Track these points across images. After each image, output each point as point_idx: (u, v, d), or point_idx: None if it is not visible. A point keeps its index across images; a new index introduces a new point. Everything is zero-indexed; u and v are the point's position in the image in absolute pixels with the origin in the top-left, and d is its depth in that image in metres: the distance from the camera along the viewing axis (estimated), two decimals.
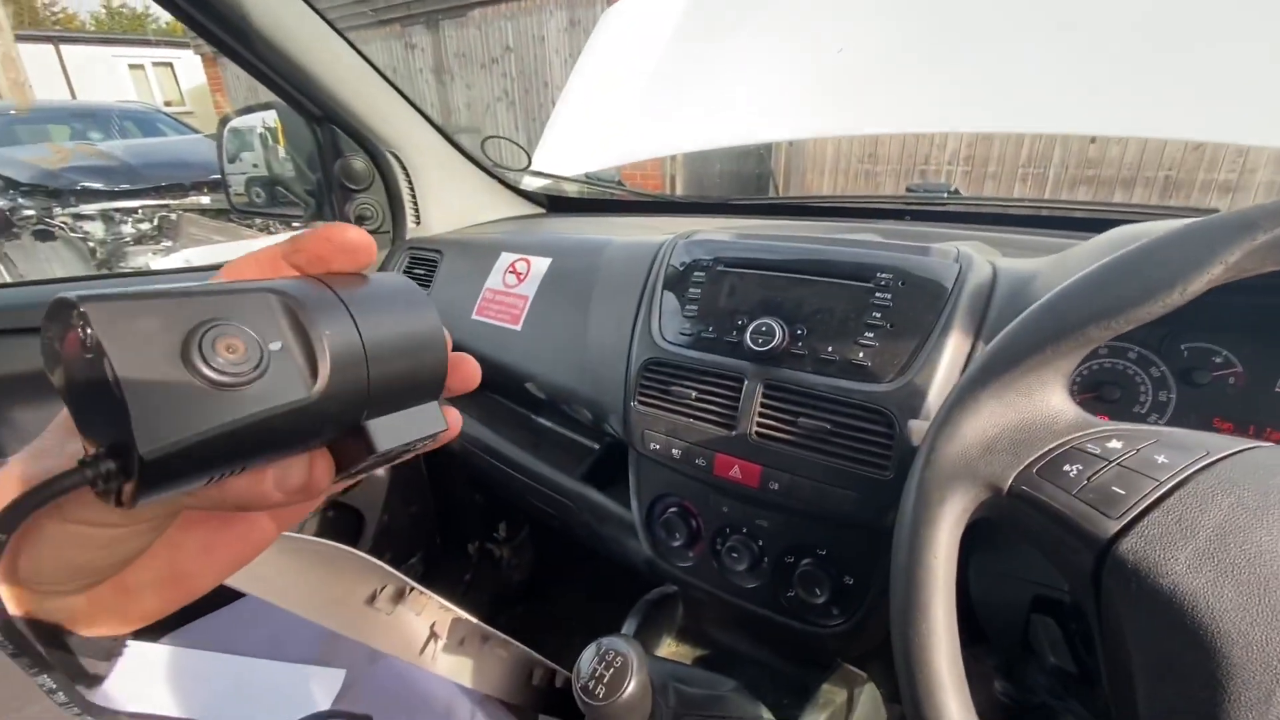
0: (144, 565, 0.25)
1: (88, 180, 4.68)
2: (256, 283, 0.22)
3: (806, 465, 0.57)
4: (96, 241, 4.53)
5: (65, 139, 6.09)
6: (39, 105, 7.28)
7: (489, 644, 0.68)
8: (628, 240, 0.80)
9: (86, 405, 0.20)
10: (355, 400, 0.23)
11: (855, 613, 0.60)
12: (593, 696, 0.45)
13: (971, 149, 4.39)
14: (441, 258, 1.04)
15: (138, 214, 4.72)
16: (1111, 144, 4.06)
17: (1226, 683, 0.26)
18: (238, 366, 0.19)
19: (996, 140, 4.28)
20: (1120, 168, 4.02)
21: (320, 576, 0.53)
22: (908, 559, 0.35)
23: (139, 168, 4.96)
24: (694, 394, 0.64)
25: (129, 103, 8.26)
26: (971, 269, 0.56)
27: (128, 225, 4.65)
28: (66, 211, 4.58)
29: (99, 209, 4.62)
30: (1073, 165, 4.15)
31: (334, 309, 0.22)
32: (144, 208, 4.72)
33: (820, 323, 0.58)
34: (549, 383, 0.81)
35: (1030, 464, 0.34)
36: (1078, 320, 0.33)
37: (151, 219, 4.71)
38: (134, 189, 4.76)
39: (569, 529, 0.98)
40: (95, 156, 5.10)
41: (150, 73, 14.47)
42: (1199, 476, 0.30)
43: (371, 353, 0.23)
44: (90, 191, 4.64)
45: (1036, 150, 4.30)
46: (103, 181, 4.70)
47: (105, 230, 4.60)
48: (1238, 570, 0.28)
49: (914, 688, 0.33)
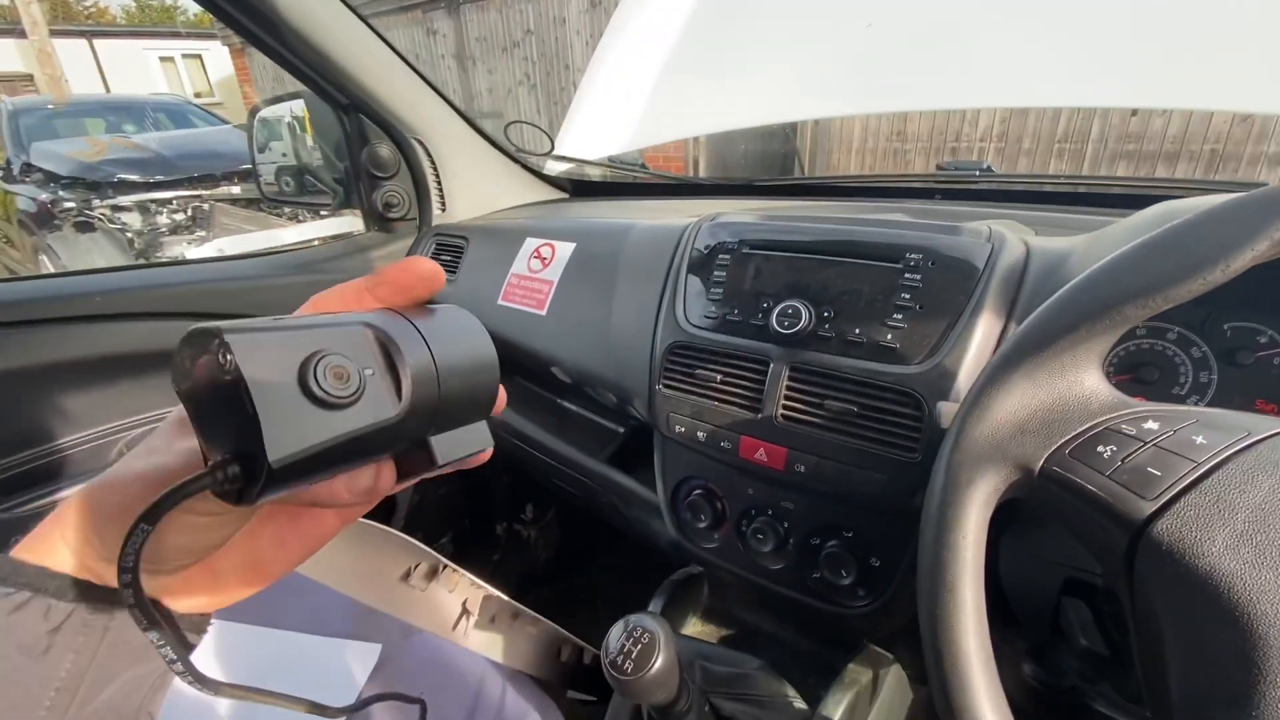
0: (228, 553, 0.29)
1: (124, 172, 4.81)
2: (350, 316, 0.26)
3: (833, 448, 0.57)
4: (134, 232, 4.66)
5: (101, 132, 6.25)
6: (75, 99, 7.47)
7: (519, 621, 0.69)
8: (651, 224, 0.80)
9: (212, 417, 0.23)
10: (427, 417, 0.26)
11: (882, 594, 0.60)
12: (621, 671, 0.46)
13: (1005, 125, 4.25)
14: (468, 244, 1.05)
15: (172, 205, 4.84)
16: (1154, 116, 3.89)
17: (1263, 664, 0.26)
18: (342, 390, 0.23)
19: (1031, 115, 4.13)
20: (1163, 141, 3.86)
21: (358, 553, 0.55)
22: (935, 539, 0.35)
23: (173, 159, 5.08)
24: (719, 377, 0.64)
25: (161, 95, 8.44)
26: (1004, 248, 0.55)
27: (163, 216, 4.77)
28: (105, 203, 4.72)
29: (135, 200, 4.75)
30: (1112, 140, 3.99)
31: (413, 338, 0.26)
32: (178, 198, 4.84)
33: (848, 305, 0.58)
34: (574, 367, 0.82)
35: (1063, 445, 0.33)
36: (1114, 299, 0.32)
37: (185, 209, 4.83)
38: (168, 180, 4.87)
39: (595, 510, 0.99)
40: (131, 149, 5.24)
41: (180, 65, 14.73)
42: (1239, 458, 0.30)
43: (443, 377, 0.26)
44: (127, 183, 4.77)
45: (1074, 125, 4.14)
46: (138, 173, 4.83)
47: (142, 221, 4.73)
48: (1278, 552, 0.27)
49: (941, 667, 0.34)
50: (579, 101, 1.38)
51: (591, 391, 0.83)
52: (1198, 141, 3.80)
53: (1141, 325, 0.60)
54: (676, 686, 0.50)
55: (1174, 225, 0.33)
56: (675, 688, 0.50)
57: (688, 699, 0.53)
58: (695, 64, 1.26)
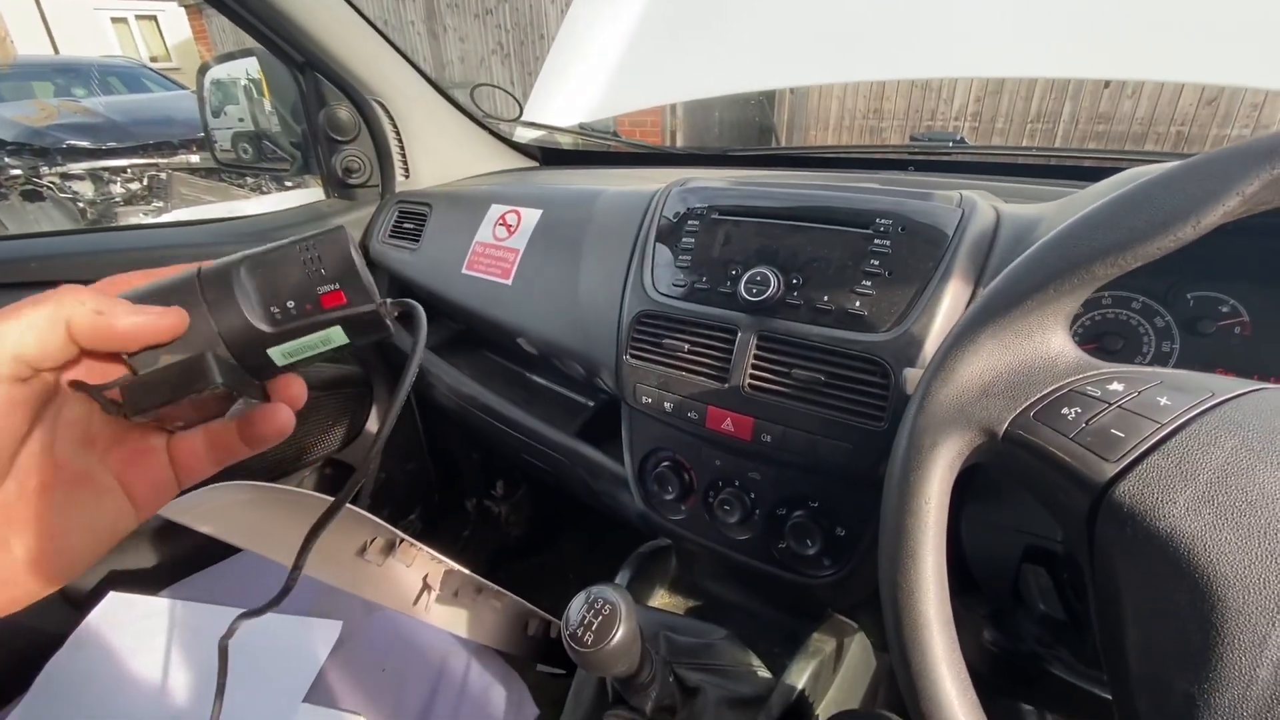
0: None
1: (74, 138, 4.58)
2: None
3: (800, 417, 0.56)
4: (86, 202, 4.45)
5: (49, 96, 5.93)
6: (21, 61, 7.05)
7: (483, 595, 0.68)
8: (620, 190, 0.78)
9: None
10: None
11: (847, 564, 0.60)
12: (580, 644, 0.45)
13: (979, 104, 4.27)
14: (431, 211, 1.01)
15: (127, 173, 4.62)
16: (1123, 99, 3.94)
17: (1221, 626, 0.25)
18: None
19: (1005, 95, 4.16)
20: (1131, 123, 3.92)
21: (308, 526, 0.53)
22: (898, 505, 0.34)
23: (126, 125, 4.84)
24: (686, 347, 0.63)
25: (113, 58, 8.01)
26: (974, 214, 0.54)
27: (117, 185, 4.56)
28: (54, 171, 4.49)
29: (87, 168, 4.52)
30: (1083, 120, 4.04)
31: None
32: (133, 167, 4.62)
33: (817, 271, 0.57)
34: (540, 337, 0.80)
35: (1027, 407, 0.32)
36: (1083, 256, 0.31)
37: (141, 178, 4.62)
38: (121, 147, 4.65)
39: (564, 485, 0.98)
40: (81, 114, 4.97)
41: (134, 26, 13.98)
42: (1203, 418, 0.29)
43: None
44: (77, 150, 4.54)
45: (1046, 106, 4.18)
46: (90, 139, 4.59)
47: (95, 190, 4.52)
48: (1239, 513, 0.27)
49: (901, 633, 0.33)
50: (550, 66, 1.33)
51: (558, 363, 0.81)
52: (1164, 123, 3.86)
53: (1107, 294, 0.60)
54: (638, 658, 0.49)
55: (1144, 181, 0.32)
56: (637, 659, 0.49)
57: (651, 670, 0.52)
58: (670, 29, 1.22)
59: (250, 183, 4.59)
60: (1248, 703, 0.25)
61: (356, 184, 1.15)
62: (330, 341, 0.31)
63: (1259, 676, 0.25)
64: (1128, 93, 3.90)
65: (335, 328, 0.31)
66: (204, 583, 0.87)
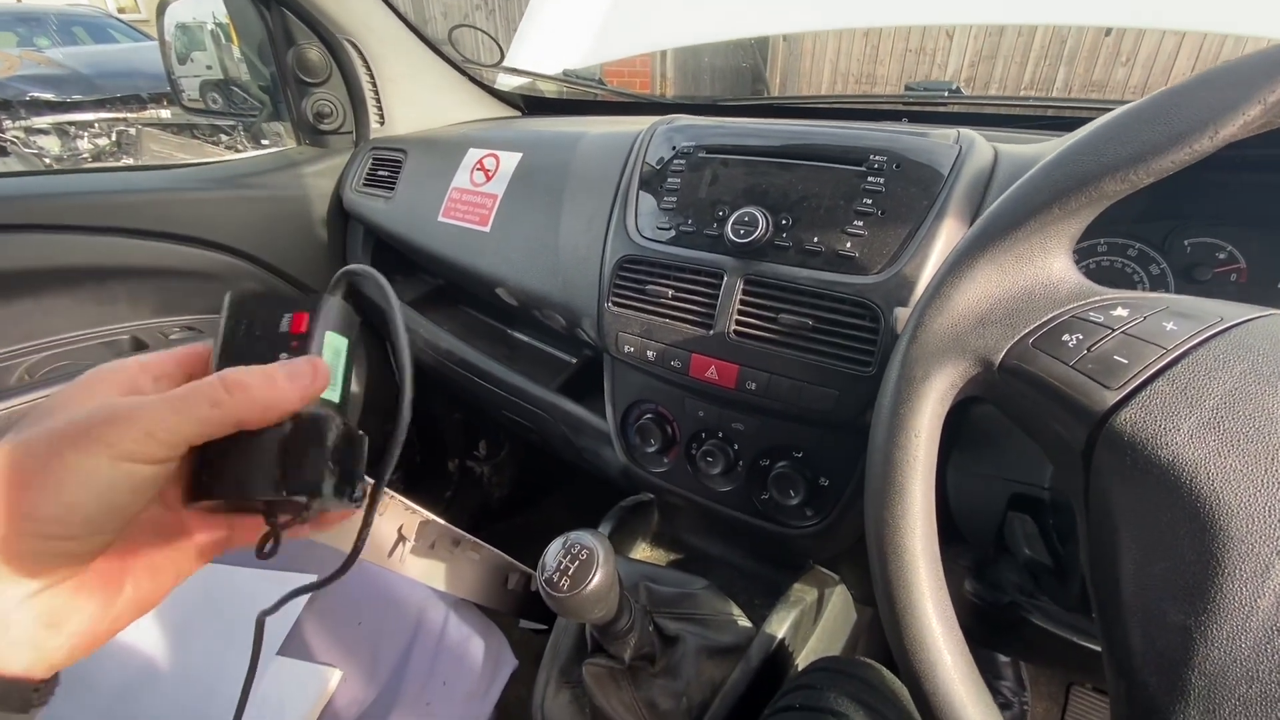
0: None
1: (38, 90, 4.37)
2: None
3: (785, 363, 0.54)
4: (53, 158, 4.28)
5: (12, 46, 5.65)
6: None
7: (460, 547, 0.67)
8: (603, 131, 0.74)
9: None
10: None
11: (829, 514, 0.59)
12: (556, 589, 0.44)
13: (973, 69, 4.20)
14: (406, 157, 0.97)
15: (94, 128, 4.44)
16: (1117, 66, 3.90)
17: (1222, 555, 0.24)
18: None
19: (1000, 60, 4.09)
20: (1125, 90, 3.88)
21: None
22: (886, 438, 0.32)
23: (92, 77, 4.63)
24: (670, 292, 0.60)
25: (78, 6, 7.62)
26: (972, 152, 0.52)
27: (84, 140, 4.38)
28: (18, 125, 4.30)
29: (53, 122, 4.33)
30: (1076, 88, 3.99)
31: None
32: (100, 121, 4.43)
33: (807, 211, 0.54)
34: (519, 287, 0.77)
35: (1026, 335, 0.31)
36: (1092, 172, 0.29)
37: (109, 134, 4.44)
38: (88, 100, 4.45)
39: (546, 442, 0.96)
40: (45, 65, 4.75)
41: None
42: (1211, 343, 0.28)
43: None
44: (41, 103, 4.34)
45: (1040, 73, 4.13)
46: (54, 92, 4.39)
47: (61, 145, 4.34)
48: (1245, 439, 0.25)
49: (886, 570, 0.32)
50: (534, 8, 1.27)
51: (539, 314, 0.79)
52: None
53: (1102, 241, 0.58)
54: (616, 604, 0.48)
55: (1158, 93, 0.30)
56: (615, 606, 0.48)
57: (629, 618, 0.51)
58: None
59: (225, 140, 4.43)
60: (1246, 634, 0.24)
61: (329, 130, 1.10)
62: (338, 351, 0.31)
63: (1260, 607, 0.24)
64: (1121, 60, 3.86)
65: (329, 334, 0.30)
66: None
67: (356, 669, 0.68)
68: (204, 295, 0.99)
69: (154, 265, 0.94)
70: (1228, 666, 0.24)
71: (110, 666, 0.67)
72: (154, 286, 0.96)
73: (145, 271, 0.94)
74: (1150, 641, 0.26)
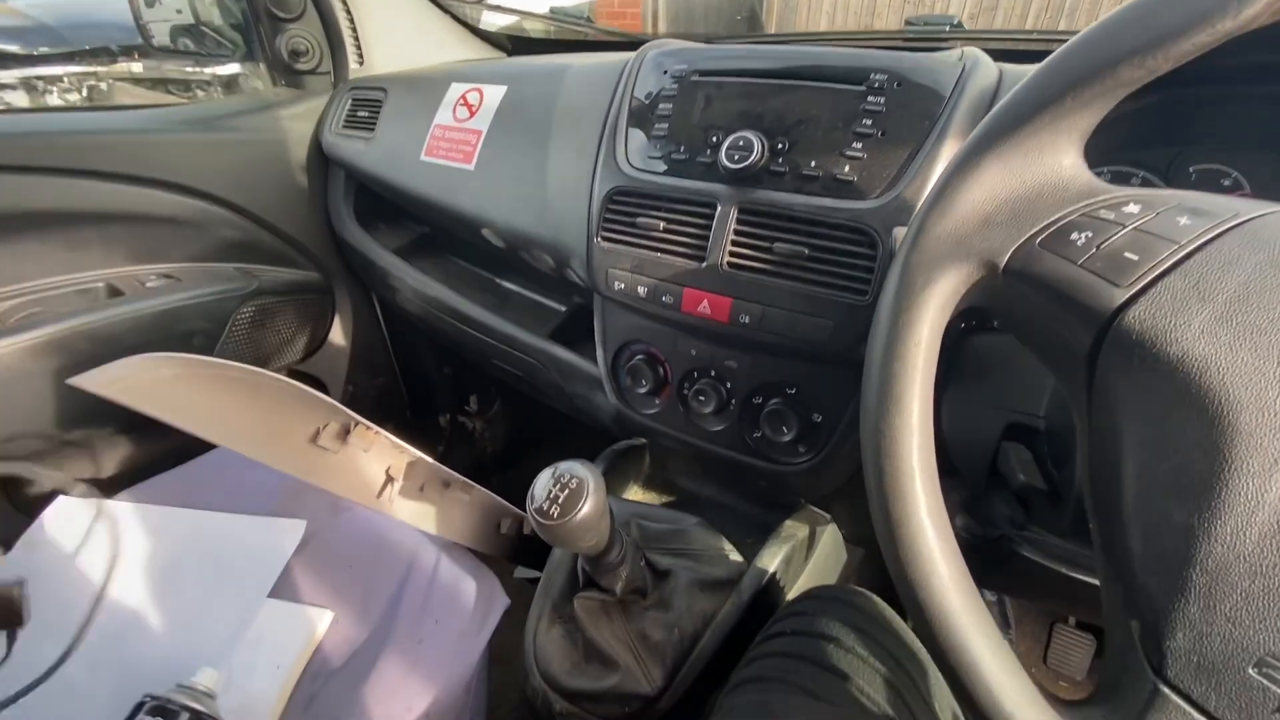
0: None
1: (1, 43, 4.19)
2: None
3: (780, 294, 0.53)
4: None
5: None
6: None
7: (451, 489, 0.66)
8: (591, 61, 0.71)
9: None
10: None
11: (821, 450, 0.58)
12: (547, 517, 0.43)
13: (973, 21, 4.09)
14: (386, 96, 0.93)
15: (64, 83, 4.27)
16: None
17: (1229, 452, 0.23)
18: None
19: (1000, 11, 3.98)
20: None
21: (258, 412, 0.49)
22: (885, 348, 0.31)
23: (58, 29, 4.42)
24: (662, 225, 0.58)
25: None
26: (976, 71, 0.49)
27: (53, 95, 4.21)
28: None
29: (18, 77, 4.16)
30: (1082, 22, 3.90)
31: None
32: (69, 75, 4.27)
33: (804, 134, 0.52)
34: (507, 226, 0.74)
35: (1033, 235, 0.29)
36: (1107, 59, 0.27)
37: (80, 88, 4.27)
38: (55, 53, 4.27)
39: (538, 390, 0.95)
40: (7, 15, 4.53)
41: None
42: (1225, 237, 0.26)
43: None
44: (5, 55, 4.16)
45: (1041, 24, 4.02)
46: (18, 44, 4.19)
47: (30, 101, 4.17)
48: (1259, 332, 0.24)
49: (882, 482, 0.31)
50: None
51: (527, 256, 0.77)
52: None
53: (1106, 170, 0.57)
54: (608, 534, 0.47)
55: None
56: (606, 536, 0.47)
57: (621, 549, 0.51)
58: None
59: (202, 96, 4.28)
60: (1251, 528, 0.23)
61: (305, 69, 1.05)
62: None
63: (1265, 502, 0.23)
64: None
65: None
66: (165, 484, 0.84)
67: (348, 610, 0.68)
68: (182, 243, 0.96)
69: (127, 210, 0.91)
70: (1231, 562, 0.23)
71: (97, 612, 0.67)
72: (129, 233, 0.93)
73: (119, 216, 0.91)
74: (1151, 542, 0.26)
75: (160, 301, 0.89)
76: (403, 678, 0.62)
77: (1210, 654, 0.24)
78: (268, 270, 1.04)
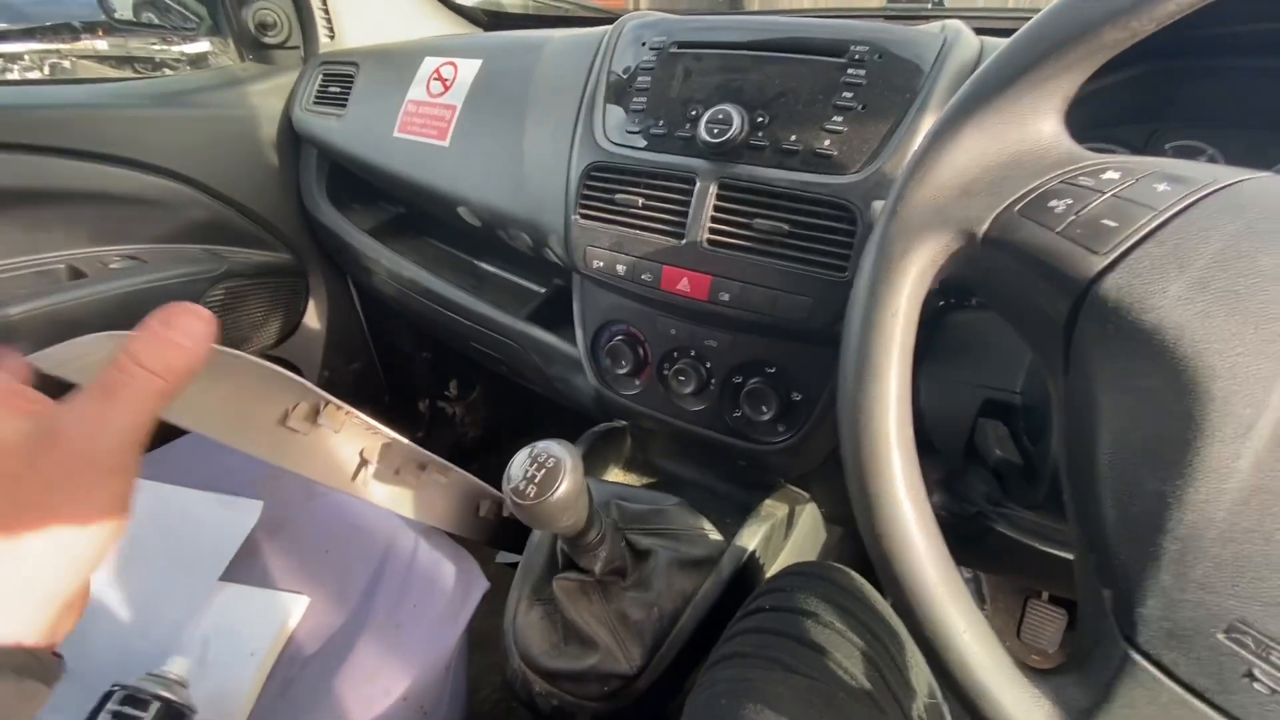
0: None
1: None
2: None
3: (759, 271, 0.52)
4: None
5: None
6: None
7: (428, 471, 0.65)
8: (569, 33, 0.69)
9: None
10: None
11: (801, 429, 0.58)
12: (523, 497, 0.42)
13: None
14: (358, 70, 0.90)
15: (25, 60, 4.11)
16: None
17: (1201, 418, 0.23)
18: None
19: None
20: None
21: (223, 392, 0.48)
22: (863, 318, 0.31)
23: (17, 4, 4.26)
24: (641, 201, 0.57)
25: None
26: (958, 43, 0.49)
27: (14, 74, 4.06)
28: None
29: None
30: None
31: None
32: (30, 53, 4.11)
33: (784, 107, 0.51)
34: (483, 204, 0.73)
35: (1012, 203, 0.29)
36: (1092, 19, 0.27)
37: (41, 66, 4.12)
38: (14, 29, 4.11)
39: (517, 373, 0.94)
40: None
41: None
42: (1204, 203, 0.26)
43: None
44: None
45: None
46: None
47: None
48: (1235, 298, 0.24)
49: (859, 455, 0.31)
50: None
51: (504, 235, 0.75)
52: None
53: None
54: (585, 514, 0.47)
55: None
56: (584, 516, 0.47)
57: (599, 529, 0.50)
58: None
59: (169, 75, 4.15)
60: (1223, 495, 0.23)
61: (273, 43, 1.02)
62: None
63: (1237, 469, 0.23)
64: None
65: None
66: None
67: (324, 595, 0.67)
68: (148, 223, 0.93)
69: (88, 189, 0.88)
70: (1202, 530, 0.23)
71: None
72: (91, 213, 0.89)
73: (79, 195, 0.87)
74: (1124, 511, 0.26)
75: (124, 284, 0.86)
76: (380, 661, 0.62)
77: (1181, 621, 0.24)
78: (237, 252, 1.01)
